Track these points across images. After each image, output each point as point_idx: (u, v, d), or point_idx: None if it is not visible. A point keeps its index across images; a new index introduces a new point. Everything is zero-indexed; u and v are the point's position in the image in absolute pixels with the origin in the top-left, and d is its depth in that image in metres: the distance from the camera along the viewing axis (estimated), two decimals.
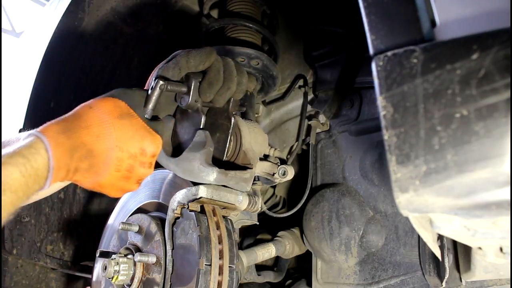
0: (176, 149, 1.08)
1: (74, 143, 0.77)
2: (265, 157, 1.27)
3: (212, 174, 0.99)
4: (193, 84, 0.99)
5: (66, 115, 0.83)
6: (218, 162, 1.05)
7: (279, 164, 1.27)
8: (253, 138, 1.16)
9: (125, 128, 0.84)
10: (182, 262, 0.97)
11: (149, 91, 0.93)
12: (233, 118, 1.09)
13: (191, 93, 0.99)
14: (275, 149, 1.30)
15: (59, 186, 1.00)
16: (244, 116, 1.26)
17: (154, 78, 0.96)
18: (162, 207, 1.16)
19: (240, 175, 1.06)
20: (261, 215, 1.39)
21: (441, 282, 1.08)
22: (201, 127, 1.04)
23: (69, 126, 0.79)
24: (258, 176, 1.29)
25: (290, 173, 1.23)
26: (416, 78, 0.54)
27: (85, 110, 0.83)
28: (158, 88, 0.92)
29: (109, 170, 0.82)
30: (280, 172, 1.24)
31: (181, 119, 1.09)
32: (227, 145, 1.09)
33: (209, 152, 1.01)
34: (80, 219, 1.67)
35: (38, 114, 1.44)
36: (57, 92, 1.50)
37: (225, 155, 1.09)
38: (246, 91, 1.19)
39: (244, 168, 1.11)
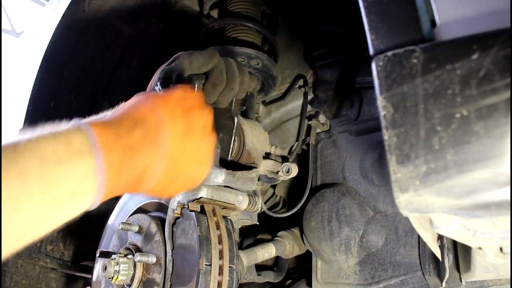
0: None
1: (116, 117, 0.67)
2: (267, 155, 1.27)
3: (221, 176, 0.99)
4: (196, 86, 0.99)
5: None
6: (223, 163, 1.05)
7: (281, 162, 1.27)
8: (255, 137, 1.17)
9: (167, 94, 0.76)
10: (182, 262, 0.97)
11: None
12: (236, 118, 1.10)
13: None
14: (276, 146, 1.30)
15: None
16: (244, 115, 1.26)
17: (159, 79, 0.96)
18: (162, 207, 1.16)
19: (246, 175, 1.06)
20: (261, 215, 1.39)
21: (441, 282, 1.08)
22: None
23: (109, 120, 0.67)
24: (259, 175, 1.29)
25: (294, 170, 1.23)
26: (416, 78, 0.54)
27: (124, 106, 0.72)
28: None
29: (167, 132, 0.69)
30: (284, 169, 1.24)
31: None
32: (231, 145, 1.09)
33: (216, 154, 1.01)
34: (80, 219, 1.66)
35: (38, 114, 1.44)
36: (57, 92, 1.50)
37: (229, 155, 1.09)
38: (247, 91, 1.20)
39: (249, 167, 1.11)
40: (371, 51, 0.59)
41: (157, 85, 0.95)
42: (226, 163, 1.06)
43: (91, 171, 0.59)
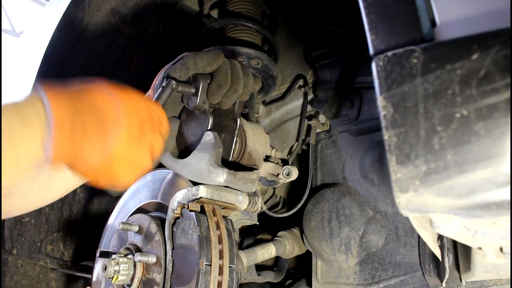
0: (183, 150, 1.08)
1: (78, 103, 0.69)
2: (267, 158, 1.28)
3: (222, 175, 0.99)
4: (201, 85, 0.99)
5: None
6: (224, 163, 1.05)
7: (281, 165, 1.27)
8: (256, 139, 1.17)
9: (132, 95, 0.78)
10: (182, 262, 0.97)
11: (159, 90, 0.93)
12: (239, 119, 1.10)
13: (199, 94, 0.99)
14: (277, 150, 1.30)
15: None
16: (245, 117, 1.26)
17: (163, 78, 0.97)
18: (162, 207, 1.16)
19: (247, 175, 1.06)
20: (261, 215, 1.39)
21: (441, 282, 1.08)
22: (208, 128, 1.04)
23: (70, 92, 0.71)
24: (260, 177, 1.30)
25: (295, 173, 1.24)
26: (416, 78, 0.54)
27: (86, 86, 0.76)
28: (169, 88, 0.93)
29: (120, 131, 0.72)
30: (284, 172, 1.24)
31: (187, 120, 1.09)
32: (233, 146, 1.10)
33: (218, 153, 1.01)
34: (80, 219, 1.67)
35: None
36: None
37: (231, 156, 1.09)
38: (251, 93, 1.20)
39: (250, 169, 1.11)
40: (371, 51, 0.59)
41: (164, 81, 0.95)
42: (227, 164, 1.07)
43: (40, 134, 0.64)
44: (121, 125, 0.72)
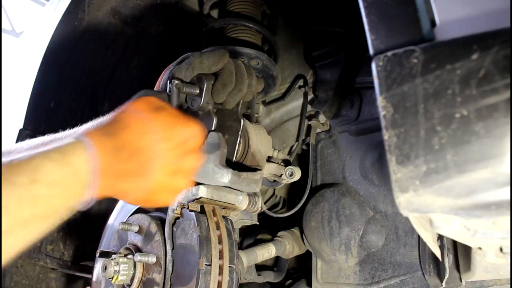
0: None
1: (116, 143, 0.70)
2: (270, 159, 1.28)
3: (227, 176, 0.99)
4: (205, 86, 0.99)
5: (101, 120, 0.75)
6: (228, 164, 1.05)
7: (284, 165, 1.27)
8: (259, 140, 1.17)
9: (165, 119, 0.78)
10: (182, 262, 0.97)
11: (168, 91, 0.94)
12: (242, 120, 1.10)
13: (204, 94, 0.99)
14: (279, 151, 1.30)
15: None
16: (247, 117, 1.27)
17: (168, 79, 0.96)
18: (162, 207, 1.16)
19: (251, 176, 1.06)
20: (261, 215, 1.39)
21: (441, 282, 1.08)
22: (212, 129, 1.04)
23: (108, 130, 0.72)
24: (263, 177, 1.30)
25: (298, 174, 1.24)
26: (416, 78, 0.54)
27: (120, 115, 0.77)
28: (175, 90, 0.93)
29: (158, 165, 0.74)
30: (287, 173, 1.24)
31: None
32: (237, 147, 1.10)
33: (223, 154, 1.01)
34: (80, 219, 1.67)
35: (38, 114, 1.44)
36: (57, 92, 1.50)
37: (234, 157, 1.09)
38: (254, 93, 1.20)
39: (253, 169, 1.11)
40: (371, 51, 0.59)
41: (169, 82, 0.95)
42: (230, 164, 1.07)
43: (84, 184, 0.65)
44: (158, 160, 0.74)
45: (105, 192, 0.70)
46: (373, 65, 0.57)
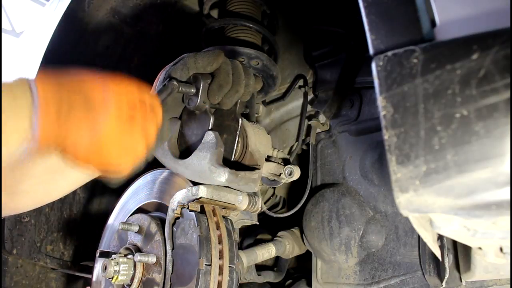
0: (184, 151, 1.08)
1: (65, 85, 0.69)
2: (269, 158, 1.28)
3: (224, 175, 0.99)
4: (201, 85, 0.99)
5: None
6: (226, 163, 1.05)
7: (283, 164, 1.27)
8: (258, 139, 1.17)
9: (123, 83, 0.77)
10: (182, 262, 0.97)
11: (160, 87, 0.94)
12: (240, 119, 1.10)
13: (200, 94, 0.99)
14: (278, 150, 1.30)
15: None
16: (246, 117, 1.27)
17: (164, 79, 0.96)
18: (162, 207, 1.16)
19: (249, 175, 1.06)
20: (261, 215, 1.39)
21: (441, 282, 1.08)
22: (209, 128, 1.04)
23: (60, 76, 0.71)
24: (262, 177, 1.30)
25: (297, 173, 1.24)
26: (416, 78, 0.54)
27: (77, 72, 0.75)
28: (169, 88, 0.93)
29: (108, 112, 0.71)
30: (286, 172, 1.24)
31: (187, 120, 1.09)
32: (235, 146, 1.10)
33: (220, 153, 1.01)
34: (80, 219, 1.67)
35: None
36: None
37: (232, 156, 1.09)
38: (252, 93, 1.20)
39: (252, 168, 1.11)
40: (371, 51, 0.59)
41: (166, 81, 0.95)
42: (229, 163, 1.07)
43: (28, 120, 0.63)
44: (109, 107, 0.71)
45: (48, 133, 0.66)
46: (373, 65, 0.57)
